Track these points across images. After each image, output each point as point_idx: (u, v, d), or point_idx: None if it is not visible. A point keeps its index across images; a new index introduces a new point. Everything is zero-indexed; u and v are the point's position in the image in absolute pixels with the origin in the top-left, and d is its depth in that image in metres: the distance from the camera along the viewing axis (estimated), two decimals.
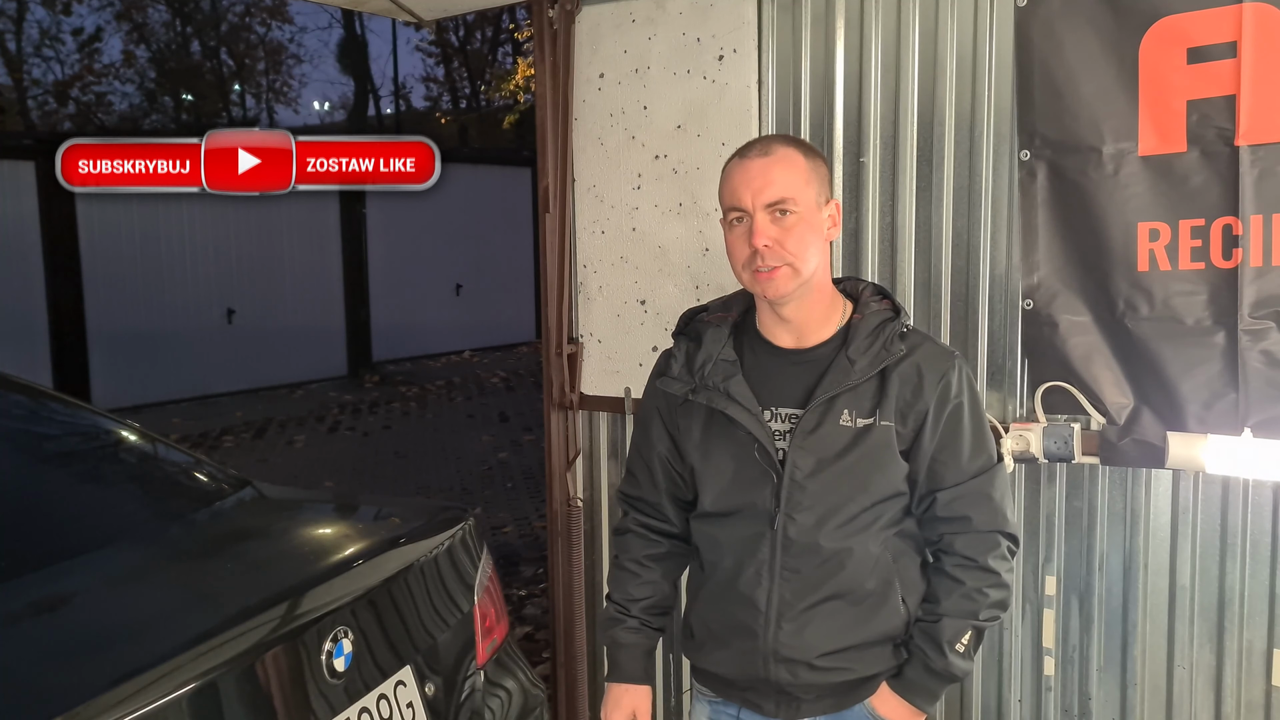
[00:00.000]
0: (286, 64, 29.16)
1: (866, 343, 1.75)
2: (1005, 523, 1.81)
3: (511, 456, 8.64)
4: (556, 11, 2.87)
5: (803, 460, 1.74)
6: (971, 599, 1.77)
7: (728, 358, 1.80)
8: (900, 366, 1.74)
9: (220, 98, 28.13)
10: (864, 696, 1.83)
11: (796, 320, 1.78)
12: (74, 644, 1.57)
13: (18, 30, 24.05)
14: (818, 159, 1.78)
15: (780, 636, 1.77)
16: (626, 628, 1.93)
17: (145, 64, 26.02)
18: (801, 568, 1.75)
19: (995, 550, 1.79)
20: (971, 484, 1.78)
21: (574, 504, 3.02)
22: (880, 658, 1.81)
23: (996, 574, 1.78)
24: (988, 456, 1.80)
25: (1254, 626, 2.27)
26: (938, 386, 1.74)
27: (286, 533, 2.29)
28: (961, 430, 1.77)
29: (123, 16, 25.01)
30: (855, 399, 1.74)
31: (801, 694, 1.81)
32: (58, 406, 2.58)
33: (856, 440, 1.73)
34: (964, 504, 1.77)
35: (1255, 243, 2.13)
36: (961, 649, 1.78)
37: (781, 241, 1.70)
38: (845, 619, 1.77)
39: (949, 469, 1.77)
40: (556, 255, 2.95)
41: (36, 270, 10.55)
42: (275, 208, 12.47)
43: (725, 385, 1.78)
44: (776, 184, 1.70)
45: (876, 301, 1.82)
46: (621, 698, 1.93)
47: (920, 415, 1.75)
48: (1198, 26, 2.14)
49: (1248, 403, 2.17)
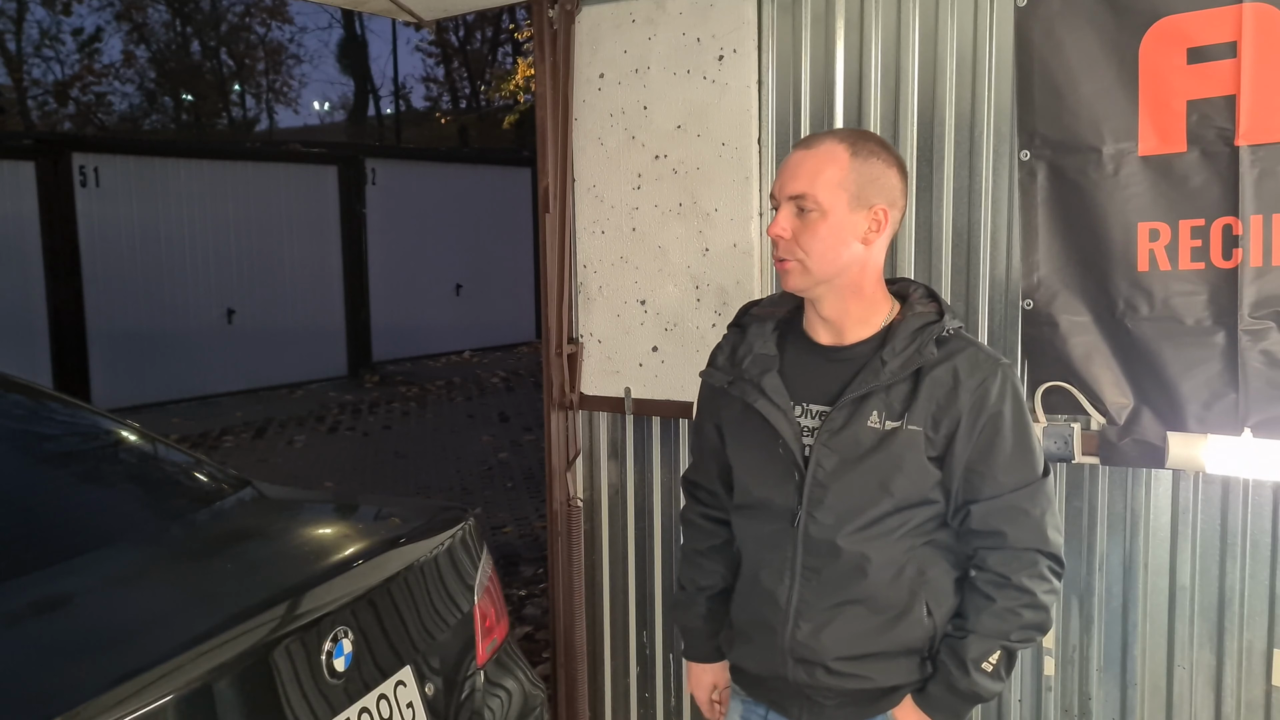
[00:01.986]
0: (286, 64, 29.21)
1: (904, 344, 1.70)
2: (1045, 541, 1.72)
3: (511, 456, 8.64)
4: (556, 11, 2.87)
5: (826, 459, 1.72)
6: (1002, 619, 1.70)
7: (767, 352, 1.80)
8: (935, 370, 1.68)
9: (220, 98, 28.14)
10: (887, 708, 1.79)
11: (834, 318, 1.76)
12: (74, 644, 1.57)
13: (18, 30, 24.06)
14: (873, 160, 1.70)
15: (798, 635, 1.76)
16: (695, 613, 2.00)
17: (145, 64, 26.04)
18: (822, 568, 1.74)
19: (1032, 569, 1.70)
20: (1009, 498, 1.70)
21: (574, 504, 3.02)
22: (904, 669, 1.77)
23: (1032, 593, 1.70)
24: (1030, 470, 1.71)
25: (1254, 626, 2.27)
26: (974, 393, 1.68)
27: (286, 533, 2.29)
28: (1000, 440, 1.69)
29: (123, 16, 25.03)
30: (886, 400, 1.70)
31: (822, 699, 1.79)
32: (58, 406, 2.58)
33: (882, 443, 1.69)
34: (999, 518, 1.70)
35: (1255, 243, 2.13)
36: (989, 669, 1.71)
37: (796, 236, 1.69)
38: (865, 625, 1.74)
39: (985, 480, 1.70)
40: (556, 255, 2.95)
41: (36, 270, 10.54)
42: (275, 206, 12.49)
43: (759, 379, 1.78)
44: (802, 179, 1.68)
45: (923, 304, 1.77)
46: (702, 675, 2.05)
47: (954, 422, 1.68)
48: (1198, 26, 2.14)
49: (1248, 403, 2.16)
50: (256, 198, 12.32)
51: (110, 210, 10.97)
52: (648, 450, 2.92)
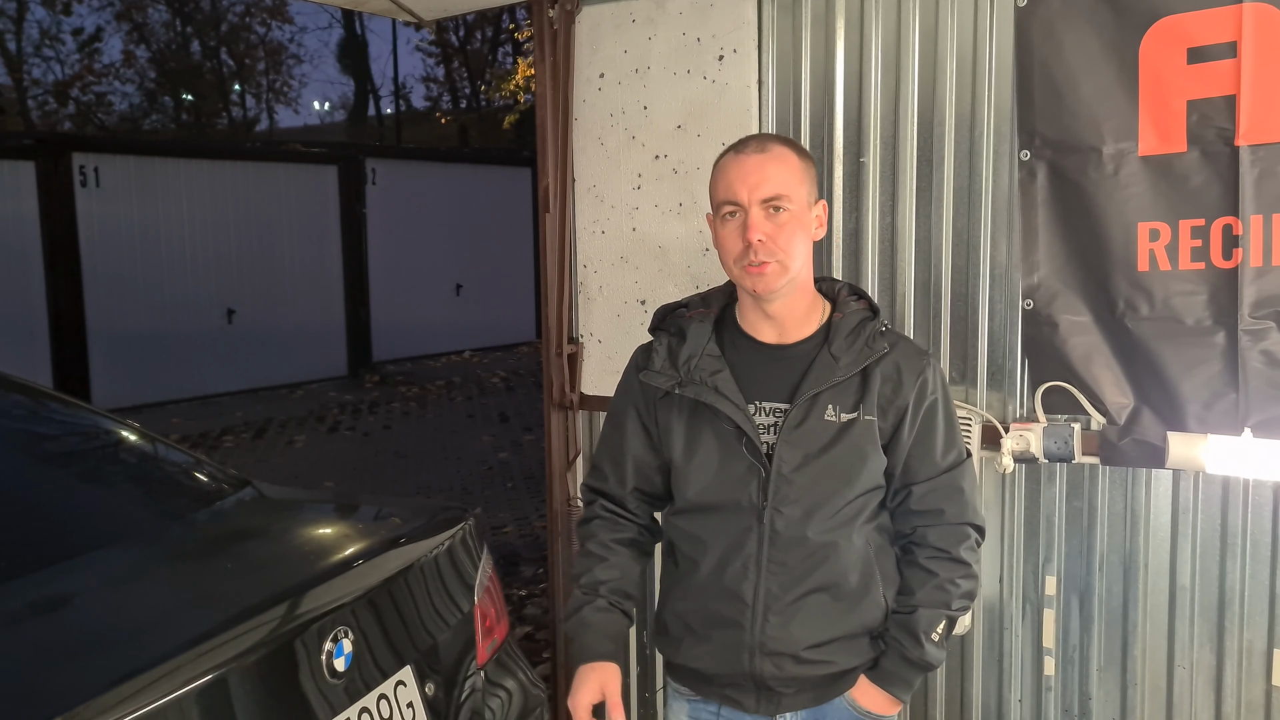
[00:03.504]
0: (286, 64, 29.21)
1: (848, 341, 1.79)
2: (975, 515, 1.87)
3: (511, 456, 8.64)
4: (556, 11, 2.87)
5: (789, 454, 1.76)
6: (944, 590, 1.82)
7: (713, 353, 1.82)
8: (882, 364, 1.79)
9: (220, 98, 28.15)
10: (843, 690, 1.86)
11: (781, 316, 1.81)
12: (74, 644, 1.57)
13: (18, 30, 24.07)
14: (809, 160, 1.82)
15: (767, 629, 1.78)
16: (594, 607, 1.88)
17: (145, 64, 26.05)
18: (788, 560, 1.77)
19: (965, 542, 1.84)
20: (945, 478, 1.83)
21: (574, 504, 3.02)
22: (860, 650, 1.84)
23: (967, 565, 1.84)
24: (959, 451, 1.86)
25: (1254, 626, 2.27)
26: (916, 383, 1.80)
27: (286, 533, 2.29)
28: (936, 426, 1.82)
29: (123, 16, 25.04)
30: (838, 394, 1.77)
31: (782, 688, 1.83)
32: (58, 406, 2.58)
33: (840, 434, 1.76)
34: (938, 497, 1.82)
35: (1255, 243, 2.13)
36: (936, 638, 1.83)
37: (774, 237, 1.72)
38: (830, 612, 1.80)
39: (924, 463, 1.82)
40: (556, 255, 2.95)
41: (36, 270, 10.55)
42: (275, 206, 12.49)
43: (713, 380, 1.79)
44: (773, 180, 1.72)
45: (854, 301, 1.86)
46: (588, 676, 1.83)
47: (900, 410, 1.79)
48: (1198, 26, 2.14)
49: (1248, 403, 2.17)
50: (256, 198, 12.32)
51: (110, 210, 10.98)
52: None
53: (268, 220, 12.42)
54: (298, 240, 12.75)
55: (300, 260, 12.78)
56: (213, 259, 11.88)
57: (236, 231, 12.09)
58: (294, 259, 12.71)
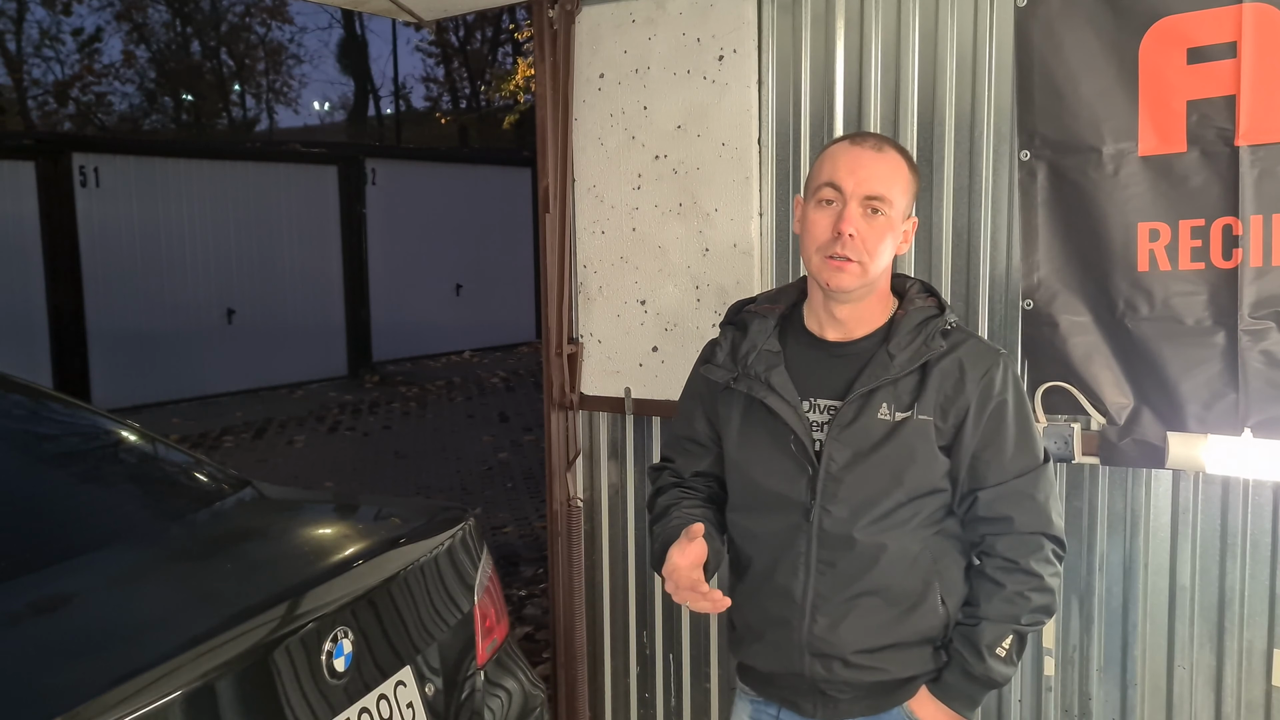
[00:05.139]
0: (286, 64, 29.21)
1: (908, 338, 1.74)
2: (1050, 525, 1.76)
3: (511, 456, 8.64)
4: (556, 11, 2.87)
5: (838, 452, 1.73)
6: (1013, 603, 1.74)
7: (772, 348, 1.81)
8: (942, 362, 1.73)
9: (220, 98, 28.15)
10: (903, 699, 1.80)
11: (847, 318, 1.78)
12: (74, 644, 1.57)
13: (18, 30, 24.07)
14: (916, 173, 1.79)
15: (815, 630, 1.76)
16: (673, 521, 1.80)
17: (145, 64, 26.05)
18: (837, 561, 1.74)
19: (1039, 553, 1.75)
20: (1014, 484, 1.74)
21: (574, 504, 3.02)
22: (918, 659, 1.79)
23: (1040, 577, 1.74)
24: (1032, 456, 1.76)
25: (1254, 626, 2.27)
26: (980, 383, 1.73)
27: (286, 533, 2.29)
28: (1005, 429, 1.74)
29: (123, 16, 25.03)
30: (894, 393, 1.73)
31: (838, 693, 1.80)
32: (58, 406, 2.58)
33: (892, 433, 1.72)
34: (1006, 504, 1.74)
35: (1255, 243, 2.13)
36: (1003, 654, 1.75)
37: (865, 236, 1.69)
38: (882, 616, 1.75)
39: (991, 468, 1.74)
40: (556, 255, 2.95)
41: (36, 270, 10.54)
42: (275, 207, 12.49)
43: (767, 375, 1.78)
44: (881, 180, 1.70)
45: (922, 298, 1.81)
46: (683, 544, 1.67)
47: (961, 411, 1.73)
48: (1198, 27, 2.14)
49: (1248, 403, 2.16)
50: (256, 198, 12.32)
51: (110, 210, 10.97)
52: (648, 450, 2.92)
53: (268, 220, 12.41)
54: (298, 240, 12.74)
55: (300, 260, 12.77)
56: (213, 259, 11.88)
57: (236, 231, 12.09)
58: (294, 259, 12.71)
